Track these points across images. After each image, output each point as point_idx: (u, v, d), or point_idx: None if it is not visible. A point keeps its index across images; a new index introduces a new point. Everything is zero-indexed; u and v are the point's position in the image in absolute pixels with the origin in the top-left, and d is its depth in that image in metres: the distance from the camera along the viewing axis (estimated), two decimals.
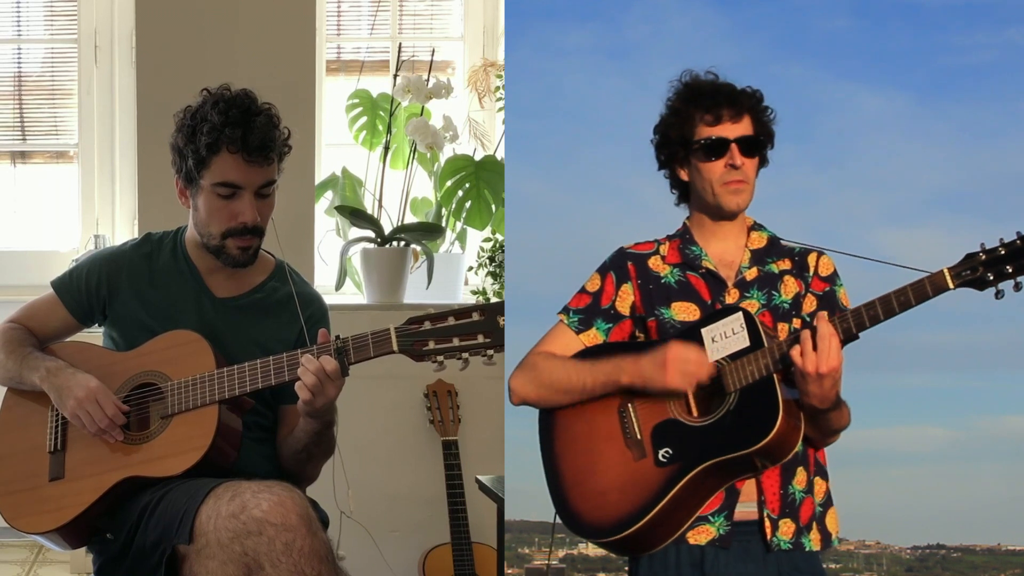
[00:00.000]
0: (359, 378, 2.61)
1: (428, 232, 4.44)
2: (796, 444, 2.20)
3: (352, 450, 3.74)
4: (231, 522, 2.34)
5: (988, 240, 2.06)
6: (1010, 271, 2.04)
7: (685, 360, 2.22)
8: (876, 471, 4.65)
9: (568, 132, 4.87)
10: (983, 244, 2.06)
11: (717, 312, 2.28)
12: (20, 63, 5.03)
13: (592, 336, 2.39)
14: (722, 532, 2.26)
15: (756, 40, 4.78)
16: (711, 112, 2.32)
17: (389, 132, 4.47)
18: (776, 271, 2.36)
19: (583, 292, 2.43)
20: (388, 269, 4.37)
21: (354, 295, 4.54)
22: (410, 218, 4.53)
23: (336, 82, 4.92)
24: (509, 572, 4.23)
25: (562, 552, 4.40)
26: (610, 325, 2.39)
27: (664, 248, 2.41)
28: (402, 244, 4.41)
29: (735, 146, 2.31)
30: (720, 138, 2.31)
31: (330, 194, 4.56)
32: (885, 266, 2.18)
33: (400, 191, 4.48)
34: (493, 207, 4.45)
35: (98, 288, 2.76)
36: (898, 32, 4.72)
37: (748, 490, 2.28)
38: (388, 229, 4.42)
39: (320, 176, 4.55)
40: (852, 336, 2.15)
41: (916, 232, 4.72)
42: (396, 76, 4.46)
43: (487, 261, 4.51)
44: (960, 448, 4.80)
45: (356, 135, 4.57)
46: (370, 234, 4.39)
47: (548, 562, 4.22)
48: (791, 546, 2.28)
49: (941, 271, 2.07)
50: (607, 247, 2.47)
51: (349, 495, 3.84)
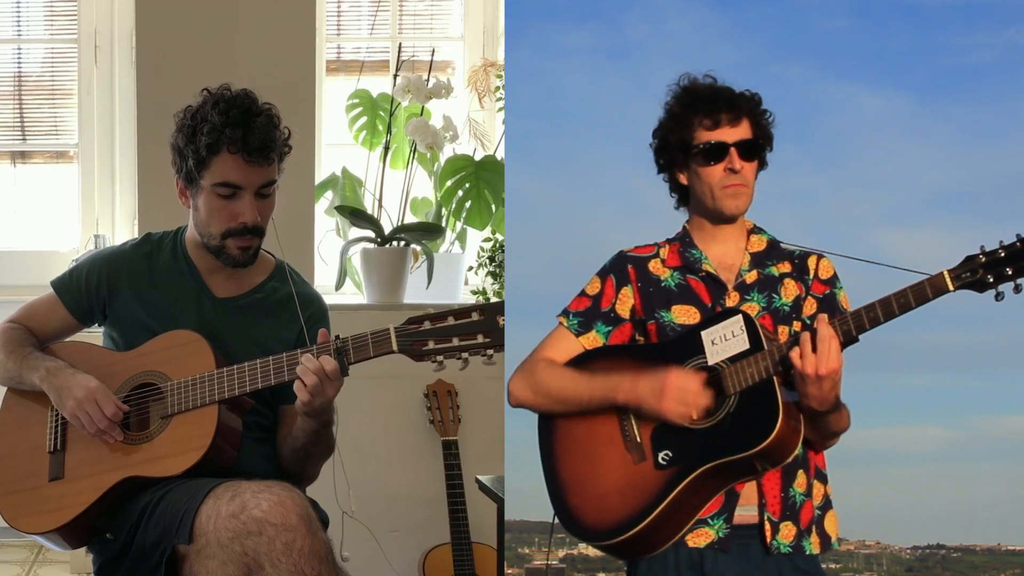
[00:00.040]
0: (359, 378, 2.61)
1: (428, 232, 4.44)
2: (796, 446, 2.20)
3: (352, 450, 3.74)
4: (231, 522, 2.34)
5: (988, 241, 2.06)
6: (1010, 273, 2.03)
7: (683, 391, 2.21)
8: (876, 471, 4.65)
9: (568, 132, 4.87)
10: (983, 246, 2.06)
11: (717, 315, 2.28)
12: (20, 63, 5.03)
13: (592, 339, 2.39)
14: (721, 535, 2.26)
15: (756, 40, 4.78)
16: (710, 116, 2.31)
17: (389, 132, 4.46)
18: (776, 274, 2.36)
19: (583, 295, 2.43)
20: (388, 269, 4.37)
21: (354, 295, 4.54)
22: (410, 218, 4.52)
23: (336, 82, 4.92)
24: (509, 572, 4.23)
25: (562, 552, 4.40)
26: (610, 328, 2.39)
27: (664, 251, 2.40)
28: (402, 244, 4.41)
29: (734, 150, 2.31)
30: (719, 142, 2.31)
31: (330, 194, 4.56)
32: (885, 267, 2.18)
33: (400, 191, 4.48)
34: (493, 207, 4.45)
35: (98, 288, 2.76)
36: (898, 32, 4.72)
37: (748, 493, 2.28)
38: (388, 229, 4.41)
39: (320, 176, 4.54)
40: (852, 338, 2.15)
41: (916, 232, 4.72)
42: (396, 76, 4.46)
43: (487, 261, 4.51)
44: (960, 448, 4.80)
45: (356, 135, 4.57)
46: (370, 234, 4.39)
47: (547, 562, 4.22)
48: (791, 549, 2.28)
49: (941, 273, 2.07)
50: (607, 247, 2.47)
51: (350, 495, 3.84)
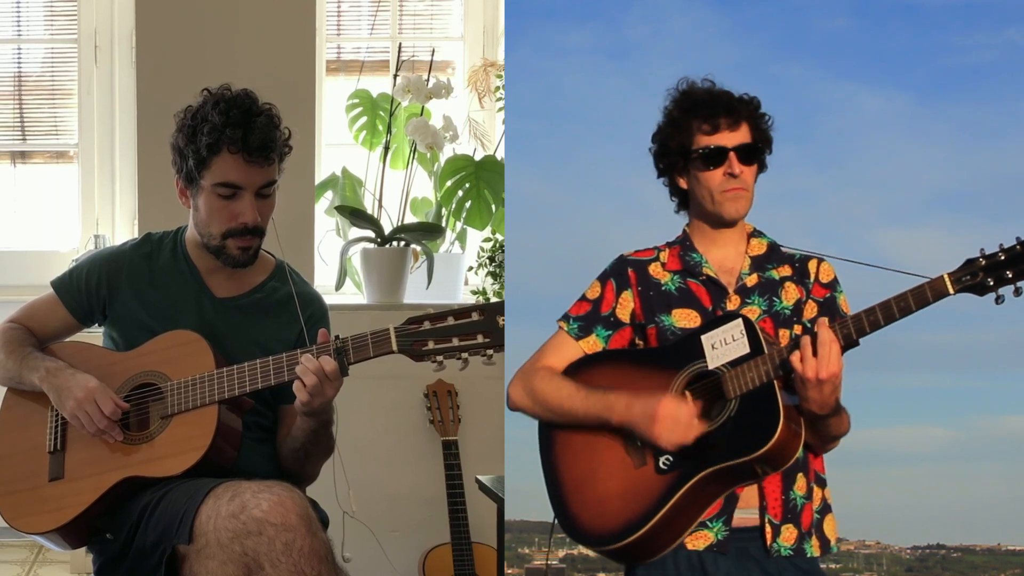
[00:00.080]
0: (359, 378, 2.61)
1: (428, 232, 4.44)
2: (797, 451, 2.19)
3: (352, 450, 3.74)
4: (231, 522, 2.34)
5: (988, 242, 2.06)
6: (1010, 276, 2.03)
7: (675, 420, 2.20)
8: (876, 471, 4.65)
9: (568, 132, 4.87)
10: (983, 249, 2.05)
11: (717, 319, 2.27)
12: (20, 63, 5.03)
13: (592, 343, 2.39)
14: (720, 537, 2.26)
15: (756, 40, 4.78)
16: (709, 121, 2.31)
17: (389, 132, 4.46)
18: (777, 277, 2.36)
19: (583, 299, 2.43)
20: (388, 269, 4.37)
21: (354, 295, 4.54)
22: (410, 218, 4.52)
23: (336, 82, 4.92)
24: (509, 572, 4.23)
25: (562, 552, 4.40)
26: (610, 332, 2.39)
27: (664, 255, 2.40)
28: (402, 244, 4.41)
29: (733, 154, 2.31)
30: (718, 147, 2.31)
31: (330, 194, 4.56)
32: (885, 269, 2.18)
33: (400, 191, 4.48)
34: (493, 207, 4.45)
35: (98, 288, 2.76)
36: (898, 32, 4.72)
37: (748, 496, 2.27)
38: (388, 229, 4.41)
39: (320, 176, 4.54)
40: (852, 342, 2.15)
41: (916, 232, 4.72)
42: (396, 76, 4.46)
43: (487, 261, 4.51)
44: (960, 448, 4.80)
45: (356, 135, 4.57)
46: (370, 234, 4.39)
47: (547, 562, 4.22)
48: (792, 552, 2.28)
49: (941, 277, 2.07)
50: (607, 247, 2.47)
51: (350, 495, 3.84)
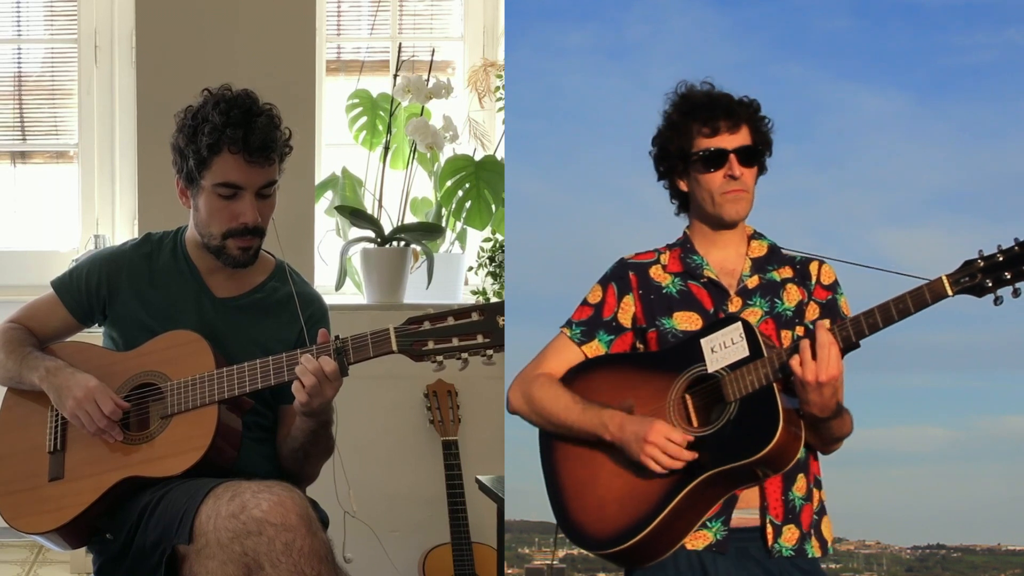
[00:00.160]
0: (359, 378, 2.61)
1: (428, 232, 4.44)
2: (797, 453, 2.19)
3: (352, 450, 3.74)
4: (231, 522, 2.34)
5: (988, 242, 2.06)
6: (1008, 277, 2.03)
7: (664, 445, 2.20)
8: (876, 471, 4.65)
9: (568, 132, 4.87)
10: (981, 251, 2.05)
11: (716, 322, 2.27)
12: (20, 63, 5.03)
13: (594, 348, 2.40)
14: (719, 537, 2.26)
15: (756, 40, 4.78)
16: (708, 124, 2.31)
17: (389, 132, 4.46)
18: (778, 279, 2.36)
19: (585, 304, 2.43)
20: (388, 269, 4.37)
21: (354, 295, 4.54)
22: (410, 218, 4.52)
23: (336, 82, 4.92)
24: (509, 572, 4.23)
25: (562, 552, 4.40)
26: (612, 337, 2.39)
27: (665, 257, 2.40)
28: (402, 244, 4.41)
29: (734, 157, 2.31)
30: (718, 149, 2.31)
31: (330, 194, 4.56)
32: (884, 271, 2.18)
33: (400, 191, 4.48)
34: (493, 207, 4.45)
35: (98, 288, 2.76)
36: (898, 32, 4.72)
37: (748, 496, 2.27)
38: (388, 229, 4.41)
39: (320, 176, 4.54)
40: (852, 344, 2.15)
41: (916, 232, 4.72)
42: (396, 76, 4.46)
43: (487, 261, 4.51)
44: (960, 448, 4.80)
45: (356, 135, 4.57)
46: (370, 234, 4.39)
47: (552, 562, 4.22)
48: (793, 552, 2.28)
49: (940, 279, 2.06)
50: (607, 247, 2.47)
51: (350, 495, 3.84)
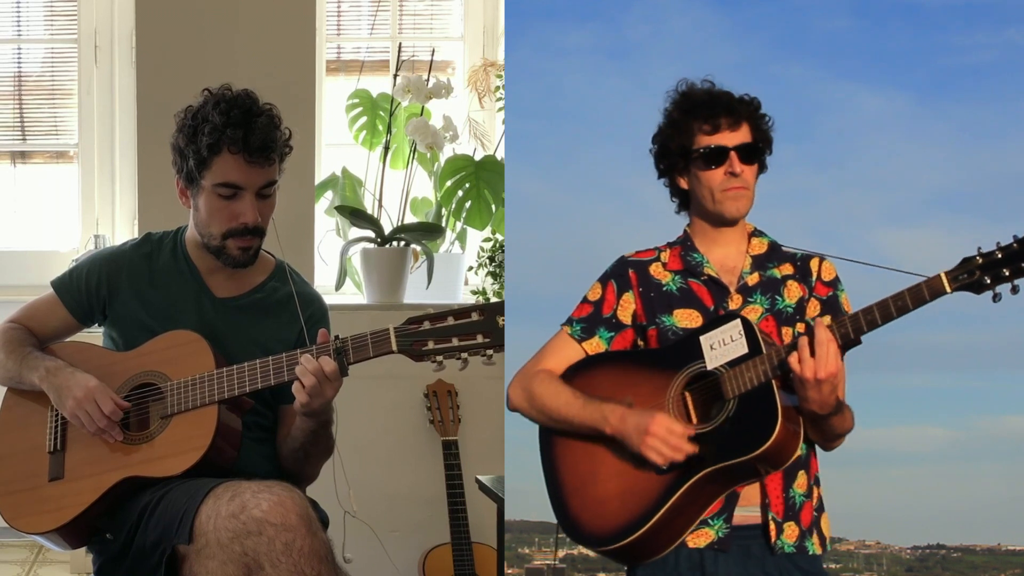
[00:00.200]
0: (359, 378, 2.61)
1: (428, 232, 4.44)
2: (796, 450, 2.19)
3: (352, 450, 3.74)
4: (231, 522, 2.34)
5: (988, 241, 2.06)
6: (1007, 275, 2.03)
7: (666, 437, 2.20)
8: (876, 471, 4.65)
9: (568, 132, 4.87)
10: (979, 248, 2.05)
11: (715, 319, 2.28)
12: (20, 63, 5.03)
13: (595, 345, 2.40)
14: (721, 535, 2.26)
15: (756, 40, 4.78)
16: (709, 121, 2.31)
17: (389, 132, 4.46)
18: (779, 276, 2.36)
19: (585, 301, 2.43)
20: (388, 269, 4.37)
21: (354, 295, 4.54)
22: (410, 218, 4.52)
23: (336, 82, 4.92)
24: (509, 572, 4.23)
25: (562, 552, 4.41)
26: (612, 334, 2.39)
27: (665, 255, 2.40)
28: (402, 244, 4.41)
29: (734, 154, 2.31)
30: (719, 147, 2.31)
31: (330, 194, 4.56)
32: (884, 269, 2.18)
33: (400, 191, 4.48)
34: (493, 207, 4.45)
35: (98, 288, 2.76)
36: (898, 32, 4.72)
37: (749, 493, 2.27)
38: (388, 229, 4.41)
39: (320, 176, 4.54)
40: (851, 341, 2.15)
41: (916, 232, 4.72)
42: (396, 76, 4.46)
43: (487, 261, 4.51)
44: (960, 448, 4.80)
45: (356, 135, 4.57)
46: (370, 234, 4.39)
47: (554, 562, 4.23)
48: (795, 549, 2.28)
49: (938, 276, 2.07)
50: (607, 247, 2.47)
51: (350, 495, 3.84)
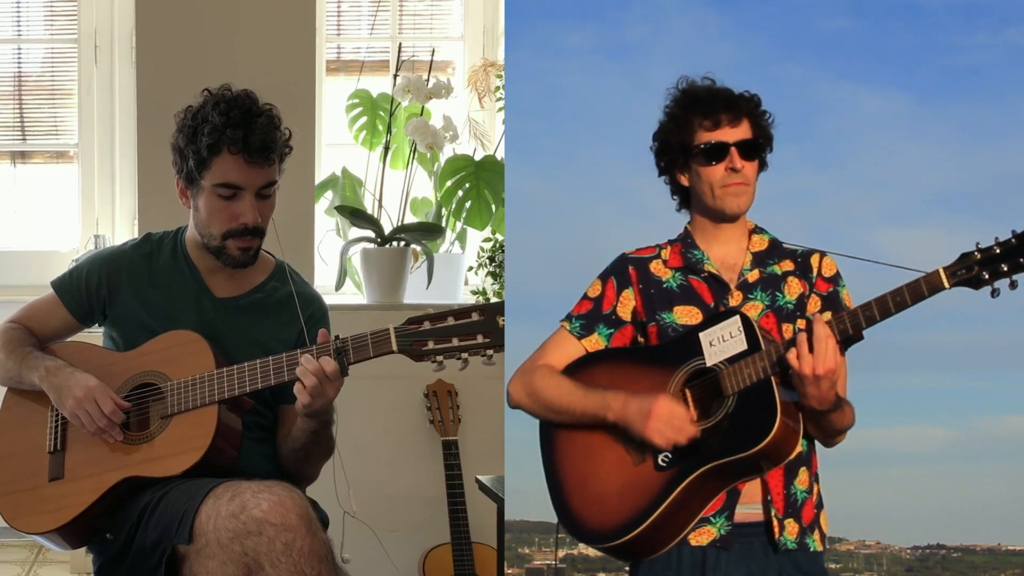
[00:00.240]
0: (359, 378, 2.61)
1: (428, 232, 4.44)
2: (795, 446, 2.19)
3: (352, 450, 3.74)
4: (231, 522, 2.34)
5: (987, 241, 2.06)
6: (1005, 269, 2.03)
7: (669, 419, 2.21)
8: (876, 471, 4.64)
9: (568, 132, 4.87)
10: (978, 243, 2.05)
11: (715, 316, 2.28)
12: (20, 63, 5.03)
13: (594, 342, 2.39)
14: (723, 532, 2.26)
15: (756, 40, 4.78)
16: (710, 117, 2.32)
17: (389, 132, 4.47)
18: (779, 272, 2.36)
19: (585, 298, 2.43)
20: (388, 269, 4.37)
21: (354, 295, 4.54)
22: (410, 218, 4.52)
23: (336, 82, 4.92)
24: (509, 572, 4.23)
25: (562, 552, 4.40)
26: (612, 331, 2.39)
27: (666, 252, 2.40)
28: (402, 244, 4.41)
29: (734, 150, 2.31)
30: (720, 142, 2.31)
31: (330, 194, 4.56)
32: (886, 267, 2.18)
33: (400, 191, 4.48)
34: (493, 207, 4.45)
35: (98, 288, 2.76)
36: (898, 32, 4.71)
37: (751, 491, 2.27)
38: (388, 229, 4.41)
39: (320, 176, 4.54)
40: (850, 337, 2.15)
41: (916, 232, 4.71)
42: (396, 76, 4.46)
43: (487, 261, 4.51)
44: (960, 448, 4.80)
45: (356, 135, 4.57)
46: (370, 234, 4.39)
47: (556, 563, 4.23)
48: (796, 546, 2.28)
49: (937, 271, 2.07)
50: (607, 247, 2.47)
51: (350, 495, 3.84)
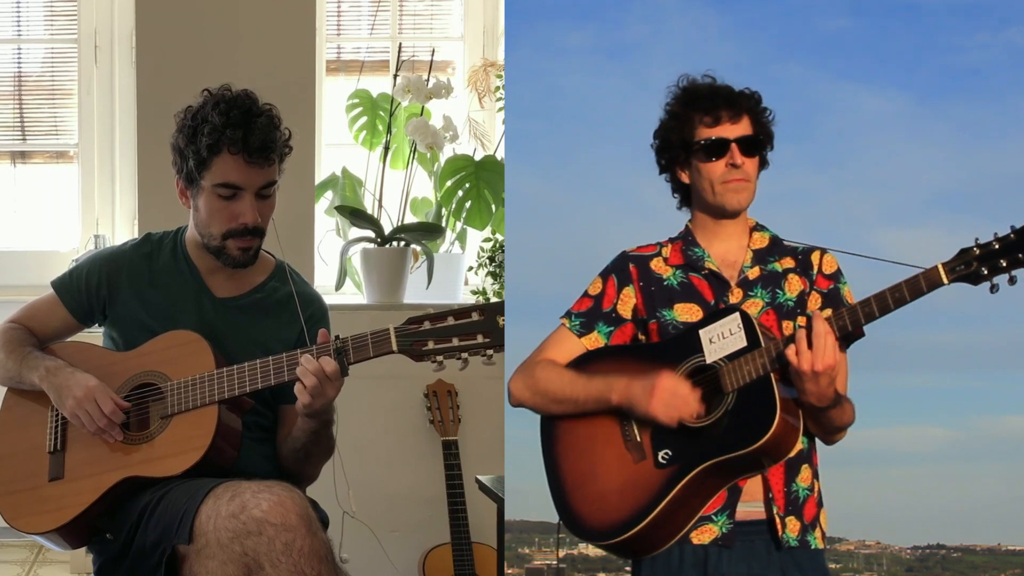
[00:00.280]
0: (359, 378, 2.61)
1: (428, 232, 4.44)
2: (795, 443, 2.20)
3: (352, 450, 3.74)
4: (231, 522, 2.34)
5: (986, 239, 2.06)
6: (1004, 265, 2.03)
7: (672, 394, 2.21)
8: (876, 471, 4.64)
9: (568, 132, 4.87)
10: (977, 239, 2.05)
11: (715, 313, 2.28)
12: (20, 63, 5.03)
13: (594, 339, 2.40)
14: (725, 531, 2.26)
15: (756, 40, 4.78)
16: (710, 114, 2.32)
17: (389, 132, 4.47)
18: (779, 269, 2.36)
19: (585, 296, 2.43)
20: (388, 269, 4.37)
21: (354, 295, 4.54)
22: (410, 218, 4.53)
23: (336, 82, 4.92)
24: (509, 572, 4.23)
25: (562, 552, 4.41)
26: (611, 328, 2.39)
27: (666, 250, 2.41)
28: (402, 244, 4.41)
29: (735, 146, 2.31)
30: (720, 138, 2.32)
31: (330, 194, 4.56)
32: (886, 265, 2.17)
33: (400, 191, 4.48)
34: (493, 207, 4.45)
35: (98, 288, 2.76)
36: (898, 32, 4.71)
37: (752, 489, 2.28)
38: (388, 229, 4.41)
39: (320, 176, 4.55)
40: (849, 334, 2.15)
41: (916, 232, 4.71)
42: (396, 76, 4.46)
43: (487, 261, 4.51)
44: (960, 448, 4.80)
45: (356, 135, 4.57)
46: (370, 234, 4.39)
47: (557, 563, 4.23)
48: (797, 543, 2.28)
49: (935, 267, 2.07)
50: (607, 247, 2.47)
51: (350, 495, 3.84)
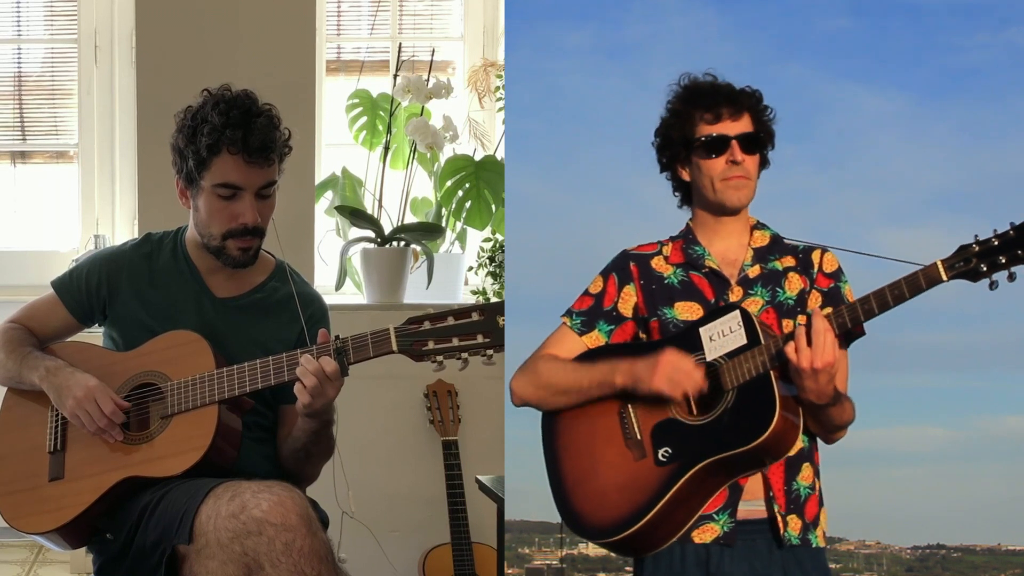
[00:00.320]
0: (359, 378, 2.61)
1: (428, 232, 4.44)
2: (795, 440, 2.20)
3: (352, 450, 3.74)
4: (231, 522, 2.34)
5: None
6: (1003, 261, 2.02)
7: (676, 368, 2.21)
8: (876, 471, 4.64)
9: (568, 132, 4.87)
10: (976, 236, 2.05)
11: (715, 311, 2.28)
12: (20, 63, 5.03)
13: (594, 338, 2.39)
14: (726, 530, 2.26)
15: (756, 40, 4.78)
16: (711, 111, 2.32)
17: (389, 132, 4.47)
18: (780, 268, 2.36)
19: (586, 294, 2.43)
20: (388, 269, 4.37)
21: (354, 295, 4.54)
22: (410, 218, 4.53)
23: (336, 82, 4.92)
24: (509, 572, 4.23)
25: (562, 552, 4.41)
26: (612, 327, 2.39)
27: (667, 249, 2.41)
28: (402, 244, 4.41)
29: (736, 143, 2.31)
30: (721, 135, 2.32)
31: (330, 194, 4.56)
32: (887, 264, 2.17)
33: (400, 191, 4.48)
34: (493, 207, 4.45)
35: (98, 288, 2.76)
36: (898, 32, 4.72)
37: (753, 487, 2.28)
38: (388, 229, 4.41)
39: (320, 176, 4.55)
40: (849, 331, 2.15)
41: (916, 232, 4.72)
42: (396, 76, 4.46)
43: (487, 261, 4.51)
44: (960, 448, 4.80)
45: (356, 135, 4.57)
46: (370, 234, 4.39)
47: (559, 563, 4.23)
48: (799, 542, 2.28)
49: (934, 263, 2.06)
50: (607, 247, 2.47)
51: (349, 495, 3.84)
